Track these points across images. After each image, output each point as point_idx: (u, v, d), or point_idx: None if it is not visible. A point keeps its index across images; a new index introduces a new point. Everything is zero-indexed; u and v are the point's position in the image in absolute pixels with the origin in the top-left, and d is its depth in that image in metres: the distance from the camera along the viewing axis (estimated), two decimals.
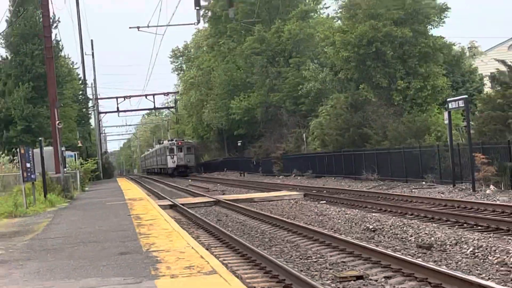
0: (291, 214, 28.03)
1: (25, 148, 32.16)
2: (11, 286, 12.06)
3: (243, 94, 76.28)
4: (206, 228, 24.29)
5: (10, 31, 57.33)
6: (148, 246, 16.14)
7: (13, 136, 54.49)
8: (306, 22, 71.63)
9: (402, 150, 44.11)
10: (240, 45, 76.38)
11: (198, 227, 25.34)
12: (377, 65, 52.27)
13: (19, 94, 55.67)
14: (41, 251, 16.82)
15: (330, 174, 55.12)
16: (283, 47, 71.22)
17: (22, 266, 14.44)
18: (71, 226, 23.13)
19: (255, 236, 21.70)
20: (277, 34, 71.20)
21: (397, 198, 30.92)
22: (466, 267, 14.63)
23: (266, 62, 72.28)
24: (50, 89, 40.30)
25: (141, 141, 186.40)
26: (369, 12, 52.04)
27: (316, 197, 36.09)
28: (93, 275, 12.61)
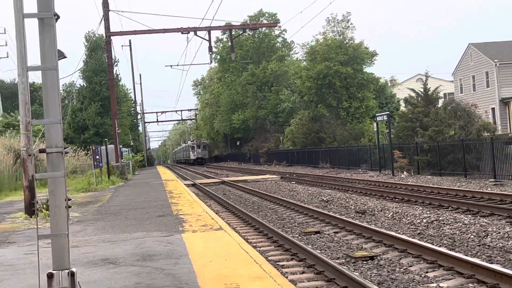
0: (272, 190, 29.59)
1: (95, 146, 34.65)
2: (86, 237, 12.77)
3: (240, 110, 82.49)
4: (216, 199, 25.75)
5: (86, 68, 60.78)
6: (177, 211, 17.09)
7: (87, 138, 57.14)
8: (282, 63, 78.82)
9: (346, 148, 47.98)
10: (239, 77, 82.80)
11: (210, 198, 26.73)
12: (329, 92, 59.36)
13: (91, 110, 59.04)
14: (105, 214, 17.78)
15: (298, 164, 58.43)
16: (267, 79, 78.00)
17: (93, 224, 15.33)
18: (126, 198, 24.60)
19: (248, 205, 22.88)
20: (263, 71, 78.04)
21: (342, 180, 32.65)
22: (387, 225, 15.33)
23: (256, 89, 78.54)
24: (112, 107, 43.45)
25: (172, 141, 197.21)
26: (324, 56, 59.04)
27: (288, 179, 38.00)
28: (140, 230, 13.37)
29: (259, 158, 75.26)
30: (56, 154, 6.11)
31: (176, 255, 9.84)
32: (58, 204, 6.14)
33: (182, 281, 7.85)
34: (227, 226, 13.44)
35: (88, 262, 9.67)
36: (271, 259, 11.30)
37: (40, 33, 6.11)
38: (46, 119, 6.08)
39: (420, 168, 33.40)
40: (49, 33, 6.10)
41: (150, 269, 8.78)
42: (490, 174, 26.63)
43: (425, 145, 33.25)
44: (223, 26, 50.20)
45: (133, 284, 7.87)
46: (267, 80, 77.78)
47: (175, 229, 13.20)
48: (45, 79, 6.13)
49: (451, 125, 33.71)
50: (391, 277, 9.58)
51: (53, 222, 6.15)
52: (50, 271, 6.01)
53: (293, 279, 9.42)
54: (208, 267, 8.72)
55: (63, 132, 6.50)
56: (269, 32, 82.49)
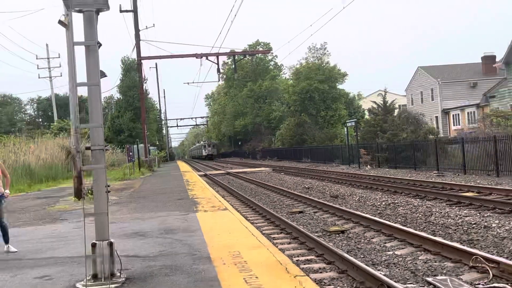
0: (266, 179, 29.37)
1: (129, 145, 35.19)
2: (121, 215, 12.81)
3: (241, 118, 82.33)
4: (222, 186, 25.55)
5: (122, 84, 60.81)
6: (192, 195, 17.07)
7: (122, 139, 56.72)
8: (274, 81, 78.58)
9: (323, 147, 47.73)
10: (240, 92, 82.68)
11: (217, 186, 26.42)
12: (310, 103, 59.16)
13: (126, 117, 58.80)
14: (137, 198, 17.74)
15: (286, 159, 57.66)
16: (262, 93, 77.77)
17: (127, 205, 15.32)
18: (152, 185, 24.44)
19: (247, 191, 22.84)
20: (259, 87, 77.83)
21: (320, 171, 32.25)
22: (355, 207, 15.33)
23: (254, 101, 78.44)
24: (142, 115, 43.19)
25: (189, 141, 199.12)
26: (306, 76, 59.08)
27: (278, 171, 37.68)
28: (163, 210, 13.33)
29: (256, 154, 74.94)
30: (98, 151, 6.17)
31: (191, 229, 9.82)
32: (100, 190, 6.20)
33: (196, 249, 7.86)
34: (231, 207, 13.37)
35: (123, 234, 9.71)
36: (265, 232, 11.29)
37: (87, 57, 6.19)
38: (90, 124, 6.15)
39: (380, 163, 33.34)
40: (94, 57, 6.18)
41: (171, 240, 8.80)
42: (434, 167, 26.64)
43: (384, 145, 33.17)
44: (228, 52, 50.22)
45: (158, 251, 7.88)
46: (262, 94, 77.79)
47: (191, 209, 13.12)
48: (90, 93, 6.21)
49: (404, 129, 33.60)
50: (358, 247, 9.62)
51: (96, 204, 6.20)
52: (94, 241, 6.11)
53: (282, 248, 9.45)
54: (216, 238, 8.71)
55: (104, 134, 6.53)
56: (264, 57, 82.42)
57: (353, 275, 7.35)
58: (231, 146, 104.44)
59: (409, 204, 14.46)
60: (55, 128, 50.40)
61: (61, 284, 6.21)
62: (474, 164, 23.74)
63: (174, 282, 6.02)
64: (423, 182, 20.01)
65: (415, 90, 62.21)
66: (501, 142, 22.14)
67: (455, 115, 54.21)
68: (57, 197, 19.55)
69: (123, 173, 32.56)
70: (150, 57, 45.88)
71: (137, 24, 42.03)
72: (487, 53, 57.70)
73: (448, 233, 10.48)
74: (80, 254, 7.64)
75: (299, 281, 5.77)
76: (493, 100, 46.24)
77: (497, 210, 12.41)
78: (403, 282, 7.08)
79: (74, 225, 11.59)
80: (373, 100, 43.52)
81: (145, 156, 42.41)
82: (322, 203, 15.39)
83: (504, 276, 6.93)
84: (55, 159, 32.05)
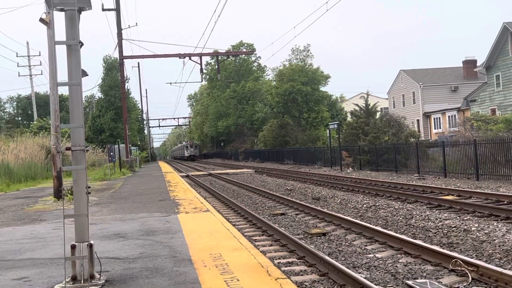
0: (248, 181, 29.23)
1: (110, 145, 34.77)
2: (101, 216, 12.68)
3: (224, 118, 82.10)
4: (204, 188, 25.20)
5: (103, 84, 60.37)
6: (173, 197, 16.85)
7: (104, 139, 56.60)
8: (257, 82, 78.44)
9: (305, 149, 47.53)
10: (223, 93, 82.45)
11: (199, 187, 26.14)
12: (293, 105, 59.28)
13: (107, 117, 58.69)
14: (117, 199, 17.47)
15: (268, 160, 57.91)
16: (245, 95, 77.62)
17: (107, 206, 15.10)
18: (133, 186, 24.03)
19: (229, 192, 22.69)
20: (242, 88, 77.68)
21: (302, 173, 31.93)
22: (336, 209, 15.30)
23: (237, 102, 78.33)
24: (124, 115, 43.18)
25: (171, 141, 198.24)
26: (289, 78, 59.06)
27: (261, 172, 37.37)
28: (144, 211, 13.21)
29: (238, 155, 74.69)
30: (79, 151, 6.12)
31: (172, 231, 9.78)
32: (80, 190, 6.14)
33: (177, 251, 7.83)
34: (212, 209, 13.31)
35: (103, 236, 9.64)
36: (247, 234, 11.26)
37: (68, 56, 6.14)
38: (71, 123, 6.11)
39: (362, 165, 33.47)
40: (75, 56, 6.13)
41: (152, 242, 8.75)
42: (415, 170, 26.81)
43: (366, 148, 33.31)
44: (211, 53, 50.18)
45: (138, 253, 7.83)
46: (245, 95, 77.76)
47: (172, 210, 13.07)
48: (71, 92, 6.17)
49: (385, 132, 33.80)
50: (339, 249, 9.64)
51: (76, 205, 6.15)
52: (73, 243, 6.04)
53: (264, 250, 9.44)
54: (197, 240, 8.68)
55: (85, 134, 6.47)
56: (247, 58, 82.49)
57: (334, 278, 7.36)
58: (213, 147, 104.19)
59: (390, 206, 14.49)
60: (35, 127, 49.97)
61: (39, 286, 6.13)
62: (455, 168, 24.00)
63: (154, 284, 5.98)
64: (404, 185, 20.07)
65: (397, 93, 62.72)
66: (481, 146, 22.45)
67: (436, 118, 54.76)
68: (37, 197, 19.32)
69: (103, 173, 32.20)
70: (132, 57, 45.62)
71: (120, 23, 41.79)
72: (468, 58, 58.46)
73: (428, 236, 10.56)
74: (59, 255, 7.61)
75: (280, 283, 5.77)
76: (473, 104, 46.81)
77: (476, 213, 12.55)
78: (384, 285, 7.12)
79: (54, 226, 11.48)
80: (355, 103, 44.06)
81: (127, 156, 42.18)
82: (304, 205, 15.40)
83: (483, 279, 7.00)
84: (34, 159, 31.70)
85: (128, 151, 43.31)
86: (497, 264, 7.98)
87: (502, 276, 6.72)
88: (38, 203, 17.09)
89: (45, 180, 29.53)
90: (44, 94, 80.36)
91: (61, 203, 16.37)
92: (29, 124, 62.61)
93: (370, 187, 19.90)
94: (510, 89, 41.87)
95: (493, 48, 43.03)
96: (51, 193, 19.16)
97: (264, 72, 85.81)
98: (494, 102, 43.90)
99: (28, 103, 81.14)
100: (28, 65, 60.24)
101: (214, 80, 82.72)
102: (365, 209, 14.90)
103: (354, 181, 24.29)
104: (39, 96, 77.87)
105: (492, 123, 29.21)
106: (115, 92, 58.68)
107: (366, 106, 37.22)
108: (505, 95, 42.51)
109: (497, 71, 43.36)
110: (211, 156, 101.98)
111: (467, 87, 54.56)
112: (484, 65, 44.78)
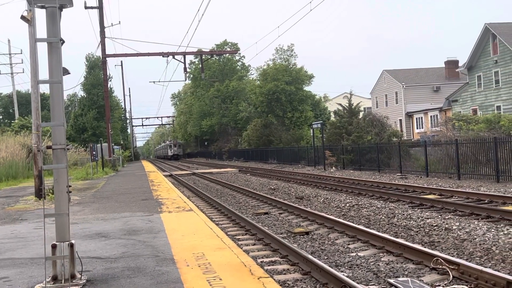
0: (232, 180, 29.28)
1: (92, 144, 34.40)
2: (83, 216, 12.60)
3: (208, 118, 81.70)
4: (187, 187, 25.11)
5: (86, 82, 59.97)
6: (156, 196, 16.76)
7: (86, 138, 56.05)
8: (241, 82, 78.32)
9: (289, 148, 47.79)
10: (207, 92, 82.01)
11: (183, 186, 26.04)
12: (277, 105, 59.15)
13: (90, 115, 58.11)
14: (100, 198, 17.35)
15: (252, 160, 58.14)
16: (229, 94, 77.21)
17: (90, 205, 15.03)
18: (116, 185, 23.88)
19: (212, 192, 22.62)
20: (226, 87, 77.28)
21: (286, 173, 32.16)
22: (320, 208, 15.44)
23: (220, 101, 77.84)
24: (106, 113, 42.93)
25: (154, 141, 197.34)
26: (273, 77, 59.01)
27: (244, 172, 37.47)
28: (127, 211, 13.14)
29: (222, 155, 74.78)
30: (60, 150, 6.07)
31: (155, 230, 9.72)
32: (61, 190, 6.09)
33: (159, 251, 7.79)
34: (196, 208, 13.27)
35: (85, 235, 9.56)
36: (230, 233, 11.25)
37: (49, 54, 6.09)
38: (52, 122, 6.06)
39: (345, 164, 33.58)
40: (56, 54, 6.08)
41: (134, 241, 8.69)
42: (397, 169, 26.99)
43: (349, 147, 33.42)
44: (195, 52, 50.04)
45: (120, 253, 7.78)
46: (229, 94, 77.56)
47: (155, 210, 13.04)
48: (52, 90, 6.12)
49: (368, 132, 33.97)
50: (322, 248, 9.67)
51: (57, 204, 6.10)
52: (54, 242, 5.98)
53: (247, 250, 9.46)
54: (180, 240, 8.65)
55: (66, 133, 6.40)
56: (231, 57, 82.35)
57: (316, 276, 7.38)
58: (197, 146, 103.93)
59: (373, 205, 14.57)
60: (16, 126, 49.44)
61: (19, 286, 6.07)
62: (437, 167, 24.22)
63: (136, 284, 5.94)
64: (386, 184, 20.16)
65: (380, 93, 63.13)
66: (463, 145, 22.69)
67: (419, 118, 55.23)
68: (18, 197, 19.13)
69: (86, 173, 31.95)
70: (115, 55, 45.33)
71: (102, 21, 41.46)
72: (450, 58, 59.09)
73: (410, 234, 10.64)
74: (40, 255, 7.53)
75: (262, 282, 5.77)
76: (455, 104, 47.29)
77: (458, 212, 12.67)
78: (366, 283, 7.15)
79: (35, 225, 11.39)
80: (338, 103, 44.04)
81: (109, 155, 41.85)
82: (288, 205, 15.41)
83: (463, 277, 7.07)
84: (16, 158, 31.37)
85: (111, 150, 43.01)
86: (478, 262, 8.07)
87: (482, 274, 6.80)
88: (19, 203, 16.92)
89: (27, 179, 29.24)
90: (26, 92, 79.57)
91: (41, 202, 16.17)
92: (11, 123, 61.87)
93: (353, 186, 19.93)
94: (491, 89, 42.38)
95: (474, 48, 43.53)
96: (32, 192, 19.04)
97: (248, 71, 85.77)
98: (475, 102, 44.40)
99: (10, 101, 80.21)
100: (10, 63, 59.56)
101: (198, 79, 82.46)
102: (348, 208, 14.93)
103: (337, 180, 24.32)
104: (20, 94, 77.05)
105: (474, 123, 29.51)
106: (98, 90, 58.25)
107: (349, 106, 37.38)
108: (486, 95, 43.02)
109: (478, 71, 43.86)
110: (195, 155, 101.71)
111: (449, 87, 55.14)
112: (465, 66, 45.27)
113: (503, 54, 40.58)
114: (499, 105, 41.07)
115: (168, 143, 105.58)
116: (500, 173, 19.78)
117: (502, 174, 19.75)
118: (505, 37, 40.19)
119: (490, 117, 29.20)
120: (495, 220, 11.38)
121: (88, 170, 33.18)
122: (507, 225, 10.59)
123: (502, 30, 41.11)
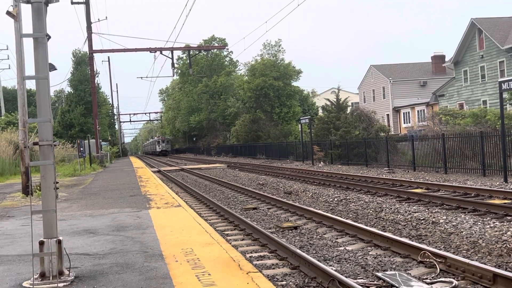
0: (220, 176, 29.20)
1: (80, 140, 34.19)
2: (71, 212, 12.54)
3: (196, 113, 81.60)
4: (176, 183, 25.08)
5: (73, 78, 59.66)
6: (145, 192, 16.76)
7: (73, 134, 55.78)
8: (229, 77, 78.06)
9: (277, 143, 47.83)
10: (195, 88, 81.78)
11: (171, 182, 25.97)
12: (265, 100, 59.00)
13: (77, 112, 57.82)
14: (87, 194, 17.34)
15: (241, 155, 57.96)
16: (217, 89, 77.10)
17: (77, 202, 14.97)
18: (104, 181, 23.89)
19: (201, 187, 22.58)
20: (214, 83, 77.15)
21: (274, 168, 31.96)
22: (308, 203, 15.37)
23: (209, 97, 77.73)
24: (94, 109, 42.90)
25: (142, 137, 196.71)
26: (261, 73, 58.87)
27: (233, 167, 37.38)
28: (115, 207, 13.11)
29: (210, 150, 74.57)
30: (47, 146, 6.03)
31: (143, 227, 9.70)
32: (48, 186, 6.05)
33: (148, 247, 7.78)
34: (184, 204, 13.26)
35: (73, 232, 9.52)
36: (219, 229, 11.24)
37: (35, 50, 6.04)
38: (39, 118, 6.02)
39: (333, 159, 33.65)
40: (42, 49, 6.04)
41: (123, 238, 8.67)
42: (385, 164, 27.14)
43: (337, 142, 33.47)
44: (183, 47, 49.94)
45: (109, 249, 7.76)
46: (218, 90, 77.42)
47: (143, 206, 13.02)
48: (38, 86, 6.08)
49: (356, 127, 34.07)
50: (310, 242, 9.70)
51: (44, 200, 6.06)
52: (42, 239, 5.96)
53: (236, 245, 9.46)
54: (169, 235, 8.65)
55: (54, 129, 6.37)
56: (219, 53, 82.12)
57: (305, 271, 7.41)
58: (185, 142, 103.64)
59: (361, 200, 14.63)
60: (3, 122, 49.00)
61: (7, 284, 6.02)
62: (424, 161, 24.41)
63: (125, 280, 5.93)
64: (374, 178, 20.26)
65: (368, 88, 63.39)
66: (449, 140, 22.87)
67: (406, 113, 55.54)
68: (4, 194, 18.97)
69: (73, 169, 31.78)
70: (102, 51, 45.05)
71: (89, 16, 41.20)
72: (437, 53, 59.38)
73: (397, 228, 10.71)
74: (27, 252, 7.49)
75: (251, 277, 5.78)
76: (442, 98, 47.61)
77: (444, 206, 12.77)
78: (354, 277, 7.18)
79: (22, 222, 11.31)
80: (326, 98, 44.21)
81: (97, 151, 41.70)
82: (276, 200, 15.41)
83: (450, 270, 7.13)
84: (2, 154, 31.13)
85: (99, 146, 42.86)
86: (464, 255, 8.14)
87: (469, 267, 6.86)
88: (6, 200, 16.80)
89: (14, 176, 29.04)
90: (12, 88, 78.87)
91: (29, 199, 16.08)
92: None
93: (341, 181, 19.96)
94: (477, 84, 42.70)
95: (461, 43, 43.82)
96: (19, 189, 18.90)
97: (236, 67, 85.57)
98: (462, 96, 44.72)
99: None
100: None
101: (186, 74, 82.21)
102: (336, 202, 14.95)
103: (325, 175, 24.35)
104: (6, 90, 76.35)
105: (460, 118, 29.73)
106: (85, 86, 57.90)
107: (337, 101, 37.47)
108: (472, 90, 43.34)
109: (465, 66, 44.16)
110: (183, 151, 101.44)
111: (436, 82, 55.48)
112: (452, 61, 45.56)
113: (489, 49, 40.88)
114: (485, 99, 41.41)
115: (156, 139, 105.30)
116: (486, 167, 19.96)
117: (488, 168, 19.94)
118: (491, 32, 40.49)
119: (477, 111, 29.42)
120: (481, 213, 11.47)
121: (76, 166, 33.01)
122: (494, 218, 10.68)
123: (488, 25, 41.41)
